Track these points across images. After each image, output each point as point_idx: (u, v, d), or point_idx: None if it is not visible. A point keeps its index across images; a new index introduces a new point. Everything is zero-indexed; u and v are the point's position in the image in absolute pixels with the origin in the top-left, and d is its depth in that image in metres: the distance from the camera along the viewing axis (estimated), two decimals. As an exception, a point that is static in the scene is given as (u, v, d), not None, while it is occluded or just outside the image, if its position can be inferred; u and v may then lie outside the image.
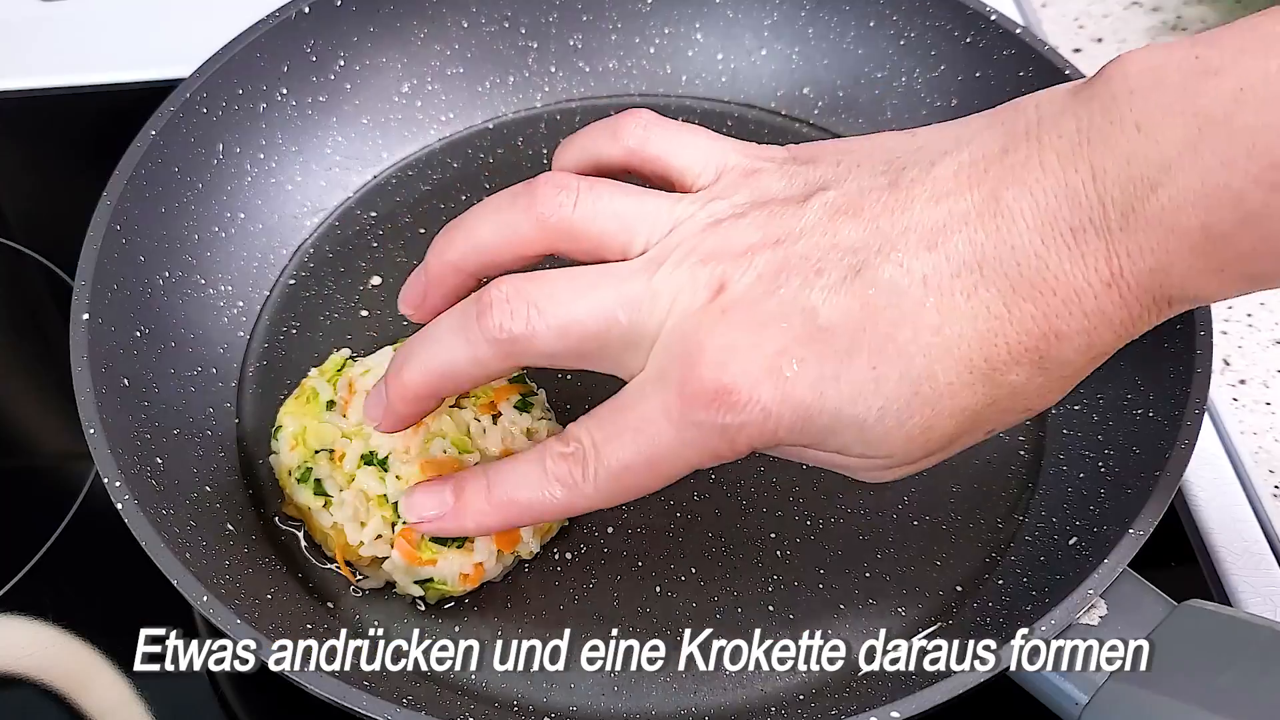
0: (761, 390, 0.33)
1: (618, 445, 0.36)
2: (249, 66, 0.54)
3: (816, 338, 0.33)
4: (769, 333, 0.33)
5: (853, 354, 0.33)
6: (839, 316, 0.33)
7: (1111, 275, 0.32)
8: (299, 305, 0.54)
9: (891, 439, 0.34)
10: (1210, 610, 0.38)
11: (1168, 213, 0.31)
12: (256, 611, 0.40)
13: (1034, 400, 0.35)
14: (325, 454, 0.46)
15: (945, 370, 0.33)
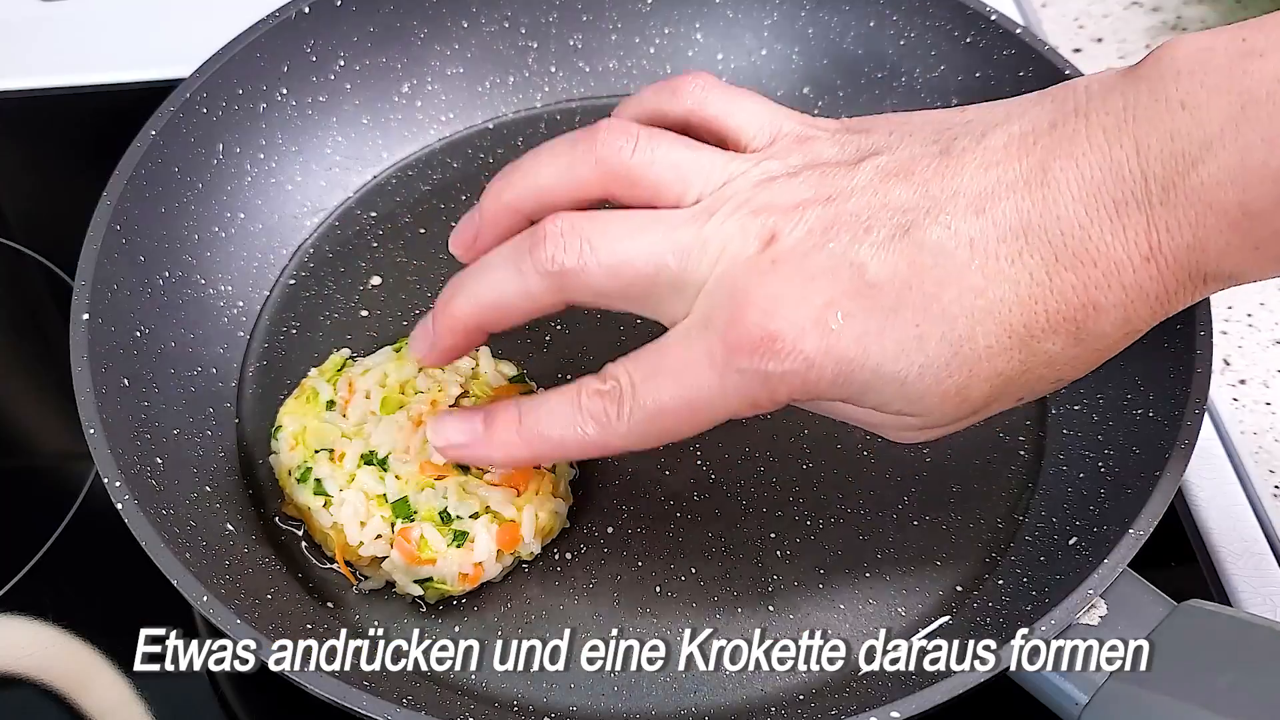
0: (806, 340, 0.33)
1: (655, 386, 0.36)
2: (249, 66, 0.54)
3: (863, 293, 0.33)
4: (817, 285, 0.34)
5: (898, 311, 0.33)
6: (886, 273, 0.33)
7: (1151, 249, 0.32)
8: (299, 305, 0.54)
9: (929, 398, 0.34)
10: (1210, 610, 0.38)
11: (1207, 188, 0.31)
12: (256, 611, 0.40)
13: (1066, 370, 0.35)
14: (325, 454, 0.46)
15: (985, 333, 0.33)
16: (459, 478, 0.45)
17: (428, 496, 0.44)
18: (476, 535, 0.44)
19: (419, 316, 0.54)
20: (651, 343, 0.37)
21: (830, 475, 0.49)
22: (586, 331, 0.53)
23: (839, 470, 0.49)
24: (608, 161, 0.37)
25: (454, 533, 0.44)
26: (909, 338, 0.34)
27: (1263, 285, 0.59)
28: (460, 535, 0.44)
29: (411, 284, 0.55)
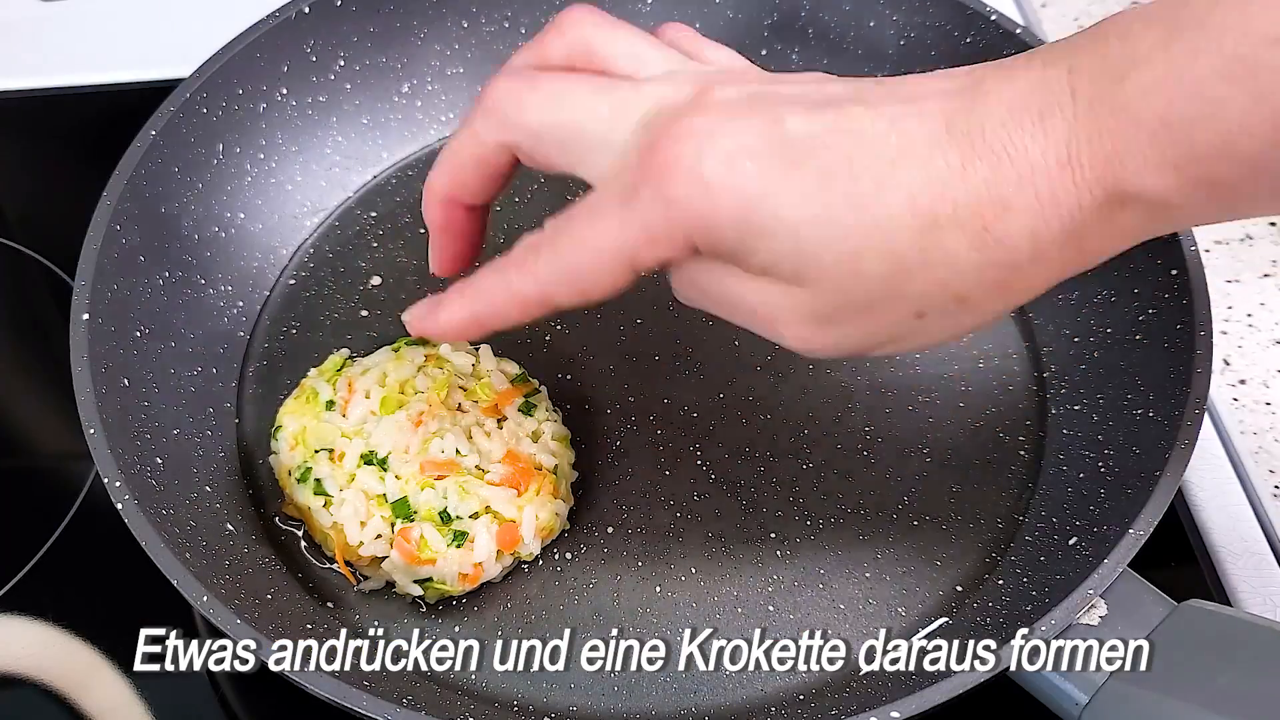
0: (710, 167, 0.33)
1: (569, 226, 0.36)
2: (249, 66, 0.54)
3: (778, 142, 0.33)
4: (734, 126, 0.33)
5: (806, 162, 0.33)
6: (804, 131, 0.33)
7: (1069, 156, 0.32)
8: (299, 305, 0.54)
9: (822, 258, 0.33)
10: (1210, 610, 0.38)
11: (1131, 100, 0.31)
12: (256, 611, 0.40)
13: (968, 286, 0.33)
14: (325, 454, 0.46)
15: (888, 203, 0.32)
16: (459, 477, 0.45)
17: (428, 496, 0.44)
18: (476, 535, 0.44)
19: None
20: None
21: (830, 475, 0.49)
22: (587, 331, 0.53)
23: (839, 470, 0.49)
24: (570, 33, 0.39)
25: (454, 533, 0.44)
26: (811, 187, 0.33)
27: (1262, 286, 0.59)
28: (460, 535, 0.44)
29: (411, 284, 0.55)
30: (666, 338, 0.53)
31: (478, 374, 0.48)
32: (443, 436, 0.45)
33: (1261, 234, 0.62)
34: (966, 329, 0.35)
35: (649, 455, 0.50)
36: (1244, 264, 0.61)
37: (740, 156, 0.33)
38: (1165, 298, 0.47)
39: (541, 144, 0.37)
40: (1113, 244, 0.33)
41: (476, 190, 0.40)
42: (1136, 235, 0.33)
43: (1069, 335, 0.52)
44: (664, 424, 0.51)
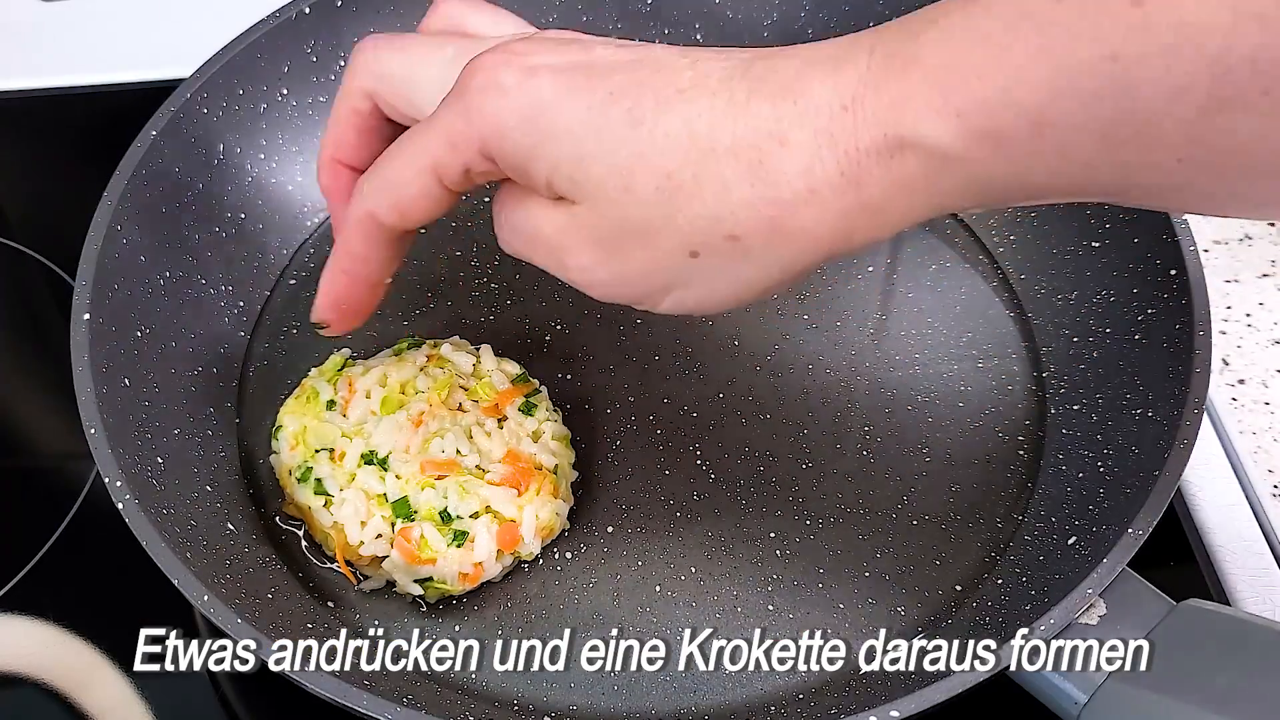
0: (508, 77, 0.34)
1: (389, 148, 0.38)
2: (249, 66, 0.54)
3: (579, 65, 0.35)
4: (540, 48, 0.35)
5: (600, 81, 0.34)
6: (606, 59, 0.35)
7: (853, 99, 0.32)
8: (299, 305, 0.54)
9: (596, 170, 0.34)
10: (1209, 610, 0.38)
11: (922, 50, 0.31)
12: (257, 611, 0.40)
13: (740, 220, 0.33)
14: (325, 453, 0.46)
15: (667, 123, 0.33)
16: (459, 477, 0.45)
17: (428, 496, 0.44)
18: (476, 535, 0.44)
19: (419, 316, 0.54)
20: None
21: (830, 475, 0.49)
22: (587, 331, 0.54)
23: (839, 470, 0.49)
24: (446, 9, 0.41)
25: (454, 533, 0.44)
26: (599, 101, 0.34)
27: (1261, 286, 0.60)
28: (460, 535, 0.44)
29: (412, 283, 0.55)
30: (666, 338, 0.53)
31: (478, 374, 0.48)
32: (443, 436, 0.45)
33: (1261, 234, 0.62)
34: (746, 284, 0.35)
35: (649, 455, 0.50)
36: (1243, 264, 0.61)
37: (539, 71, 0.34)
38: (1164, 298, 0.47)
39: (393, 88, 0.39)
40: (894, 196, 0.33)
41: (355, 147, 0.41)
42: (918, 189, 0.32)
43: (1069, 335, 0.52)
44: (664, 424, 0.51)
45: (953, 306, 0.55)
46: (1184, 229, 0.48)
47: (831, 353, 0.53)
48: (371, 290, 0.40)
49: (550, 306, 0.55)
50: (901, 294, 0.55)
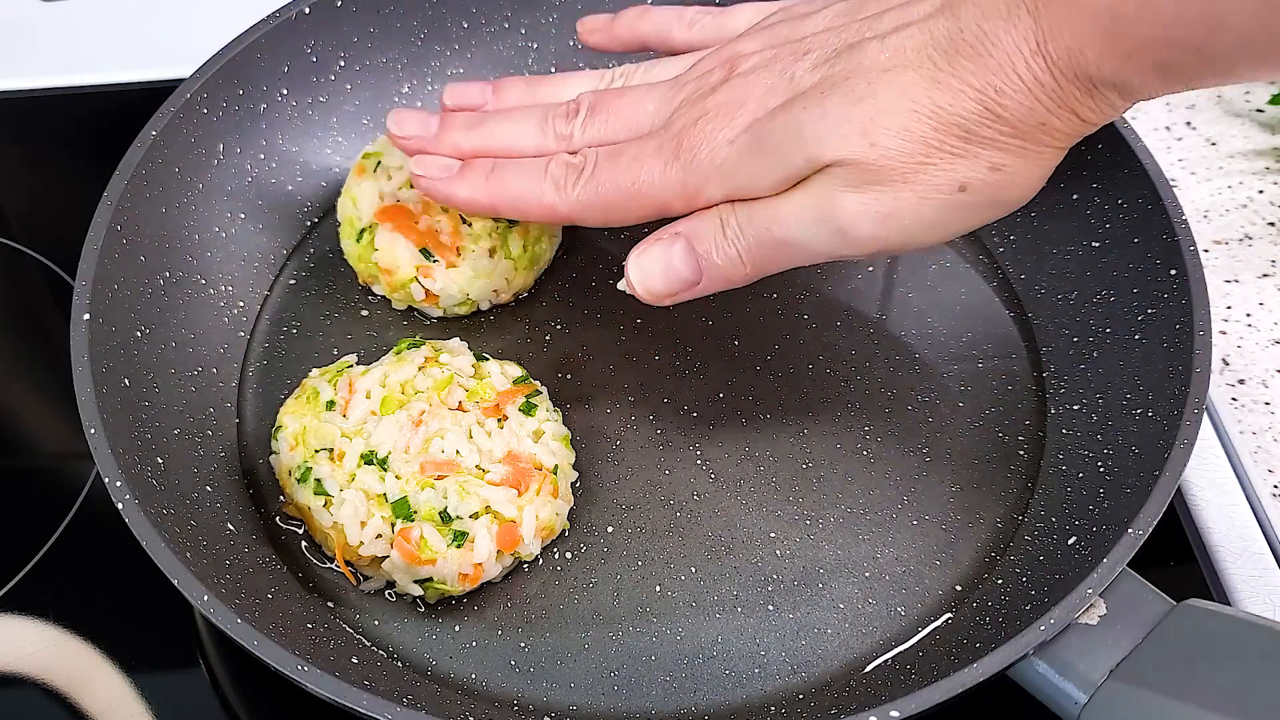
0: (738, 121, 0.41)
1: (612, 166, 0.42)
2: (249, 66, 0.54)
3: (791, 86, 0.40)
4: (755, 85, 0.41)
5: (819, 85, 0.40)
6: (810, 73, 0.40)
7: (1038, 44, 0.36)
8: (299, 305, 0.54)
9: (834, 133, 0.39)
10: (1209, 609, 0.38)
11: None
12: (257, 611, 0.40)
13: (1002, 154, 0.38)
14: (325, 453, 0.46)
15: (888, 90, 0.38)
16: (459, 477, 0.45)
17: (428, 496, 0.44)
18: (476, 535, 0.44)
19: (419, 316, 0.54)
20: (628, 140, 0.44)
21: (830, 475, 0.49)
22: (587, 331, 0.54)
23: (839, 470, 0.49)
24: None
25: (454, 533, 0.44)
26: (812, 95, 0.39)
27: (1261, 286, 0.60)
28: (460, 535, 0.44)
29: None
30: (666, 338, 0.53)
31: (479, 374, 0.48)
32: (443, 436, 0.45)
33: (1261, 234, 0.62)
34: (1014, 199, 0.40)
35: (649, 455, 0.50)
36: (1243, 264, 0.61)
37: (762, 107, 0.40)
38: (1165, 298, 0.47)
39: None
40: (1105, 113, 0.38)
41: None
42: (1123, 106, 0.38)
43: (1069, 335, 0.52)
44: (664, 424, 0.51)
45: (953, 306, 0.55)
46: (1184, 229, 0.48)
47: (831, 353, 0.53)
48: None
49: (550, 306, 0.55)
50: (901, 294, 0.55)
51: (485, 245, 0.51)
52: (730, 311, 0.54)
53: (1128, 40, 0.35)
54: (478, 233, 0.51)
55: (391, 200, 0.52)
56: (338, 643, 0.43)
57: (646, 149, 0.42)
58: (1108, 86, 0.37)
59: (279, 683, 0.38)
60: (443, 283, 0.51)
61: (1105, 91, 0.37)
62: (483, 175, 0.45)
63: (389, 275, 0.52)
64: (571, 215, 0.43)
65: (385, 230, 0.51)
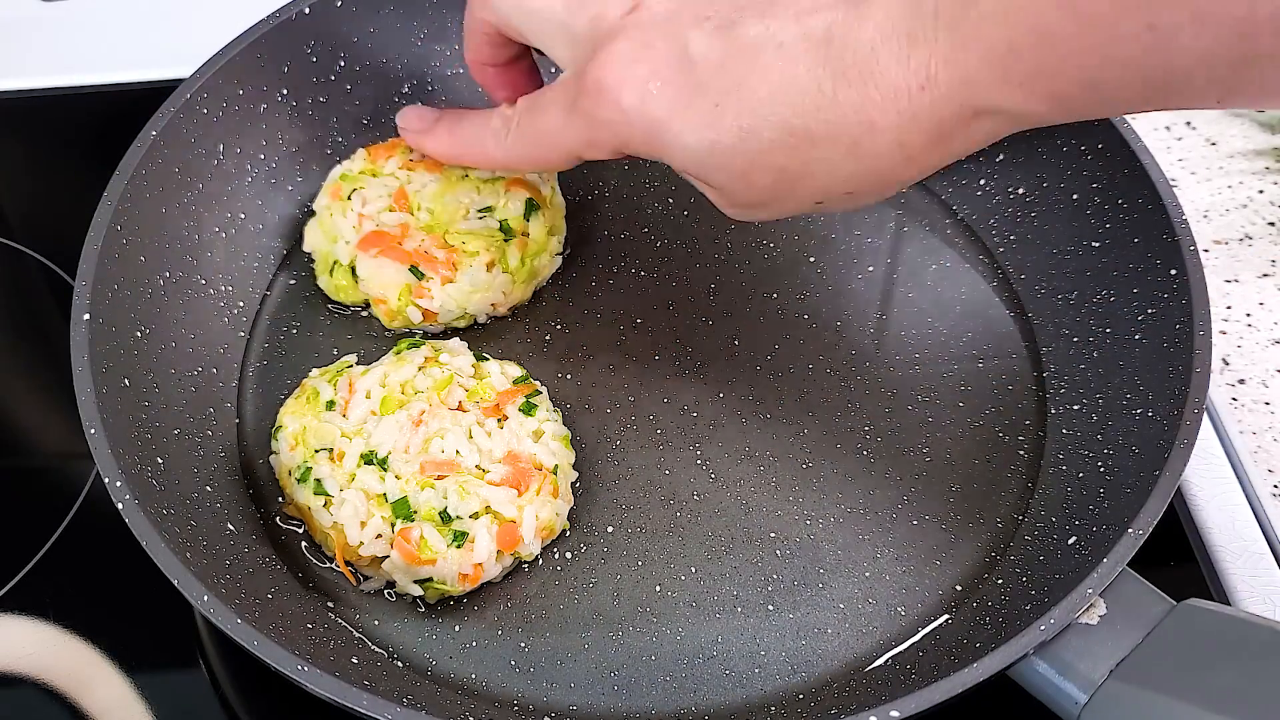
0: (626, 96, 0.39)
1: (531, 116, 0.44)
2: (249, 66, 0.54)
3: (683, 67, 0.39)
4: (649, 53, 0.39)
5: (705, 90, 0.38)
6: (704, 54, 0.39)
7: (927, 79, 0.35)
8: (299, 305, 0.54)
9: (720, 173, 0.39)
10: (1209, 609, 0.38)
11: (980, 25, 0.34)
12: (257, 611, 0.40)
13: (851, 183, 0.38)
14: (325, 454, 0.46)
15: (769, 128, 0.38)
16: (459, 477, 0.45)
17: (428, 496, 0.44)
18: (476, 535, 0.44)
19: (419, 316, 0.54)
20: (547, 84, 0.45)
21: (830, 475, 0.49)
22: (587, 331, 0.54)
23: (839, 470, 0.49)
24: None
25: (454, 533, 0.44)
26: (707, 114, 0.38)
27: (1261, 286, 0.60)
28: (460, 535, 0.44)
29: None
30: (666, 338, 0.53)
31: (479, 374, 0.48)
32: (443, 436, 0.45)
33: (1261, 234, 0.62)
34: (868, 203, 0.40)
35: (649, 455, 0.50)
36: (1243, 264, 0.61)
37: (651, 84, 0.39)
38: (1165, 298, 0.47)
39: (514, 24, 0.44)
40: (977, 140, 0.37)
41: (494, 55, 0.48)
42: (998, 134, 0.37)
43: (1069, 335, 0.52)
44: (664, 424, 0.51)
45: (953, 306, 0.55)
46: (1184, 229, 0.48)
47: (831, 353, 0.53)
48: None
49: (550, 307, 0.55)
50: (901, 294, 0.55)
51: (484, 259, 0.51)
52: (730, 311, 0.54)
53: (1021, 69, 0.34)
54: (475, 248, 0.51)
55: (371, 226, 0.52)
56: (338, 643, 0.43)
57: (556, 98, 0.43)
58: (990, 115, 0.36)
59: (279, 683, 0.38)
60: (440, 299, 0.51)
61: (985, 121, 0.36)
62: (447, 129, 0.49)
63: (382, 304, 0.52)
64: (508, 163, 0.46)
65: (367, 258, 0.51)
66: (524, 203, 0.53)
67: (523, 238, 0.52)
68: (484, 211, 0.52)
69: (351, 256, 0.52)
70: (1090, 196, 0.52)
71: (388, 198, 0.52)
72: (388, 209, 0.52)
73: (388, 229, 0.51)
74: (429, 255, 0.51)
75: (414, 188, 0.53)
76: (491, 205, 0.53)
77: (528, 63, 0.49)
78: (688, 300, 0.55)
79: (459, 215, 0.52)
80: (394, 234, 0.51)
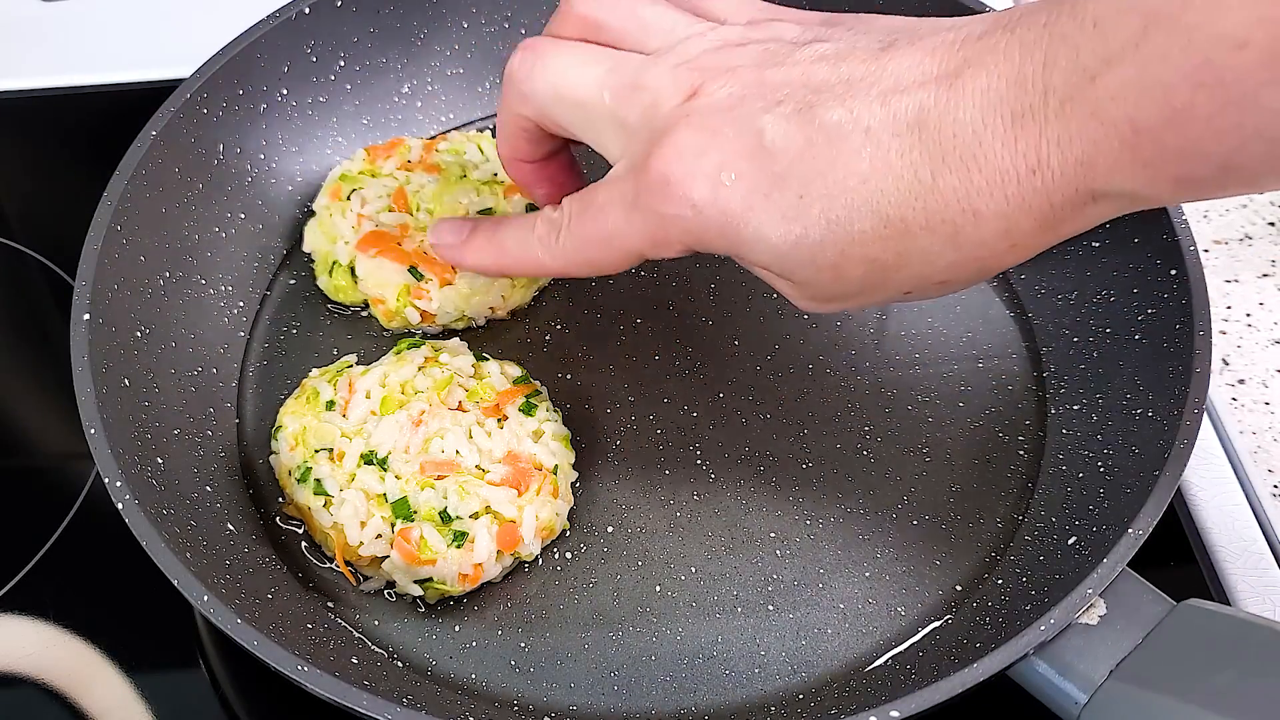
0: (697, 189, 0.36)
1: (585, 218, 0.41)
2: (249, 66, 0.54)
3: (758, 156, 0.36)
4: (718, 141, 0.36)
5: (786, 180, 0.35)
6: (782, 142, 0.35)
7: (1039, 161, 0.32)
8: (299, 305, 0.54)
9: (805, 269, 0.36)
10: (1209, 609, 0.38)
11: (1101, 103, 0.31)
12: (257, 611, 0.40)
13: (949, 273, 0.36)
14: (325, 453, 0.46)
15: (862, 219, 0.35)
16: (459, 477, 0.45)
17: (428, 496, 0.44)
18: (476, 535, 0.44)
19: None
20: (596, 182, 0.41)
21: (830, 475, 0.49)
22: (587, 331, 0.54)
23: (839, 470, 0.49)
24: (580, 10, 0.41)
25: (454, 533, 0.44)
26: (790, 206, 0.35)
27: (1261, 286, 0.60)
28: (460, 535, 0.44)
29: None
30: (666, 338, 0.53)
31: (479, 374, 0.48)
32: (443, 436, 0.45)
33: (1261, 234, 0.62)
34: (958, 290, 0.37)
35: (649, 455, 0.50)
36: (1243, 264, 0.61)
37: (722, 173, 0.36)
38: (1165, 298, 0.47)
39: (554, 117, 0.41)
40: (1088, 224, 0.34)
41: (531, 150, 0.45)
42: (1113, 215, 0.34)
43: (1069, 335, 0.52)
44: (664, 424, 0.51)
45: (953, 306, 0.55)
46: (1184, 229, 0.48)
47: (831, 353, 0.53)
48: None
49: (550, 307, 0.55)
50: (901, 294, 0.55)
51: None
52: (730, 311, 0.54)
53: (1147, 149, 0.31)
54: None
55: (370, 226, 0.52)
56: (338, 643, 0.43)
57: (613, 197, 0.39)
58: (1112, 199, 0.33)
59: (279, 683, 0.38)
60: (439, 301, 0.51)
61: (1104, 205, 0.33)
62: (486, 238, 0.46)
63: (380, 304, 0.52)
64: (563, 270, 0.42)
65: (366, 258, 0.51)
66: (524, 207, 0.53)
67: None
68: (484, 213, 0.52)
69: (351, 256, 0.52)
70: (1090, 196, 0.52)
71: (387, 198, 0.52)
72: (387, 209, 0.52)
73: (387, 229, 0.52)
74: (428, 256, 0.51)
75: (413, 188, 0.53)
76: (492, 207, 0.53)
77: (568, 157, 0.46)
78: (688, 300, 0.55)
79: (458, 215, 0.52)
80: (393, 234, 0.51)
